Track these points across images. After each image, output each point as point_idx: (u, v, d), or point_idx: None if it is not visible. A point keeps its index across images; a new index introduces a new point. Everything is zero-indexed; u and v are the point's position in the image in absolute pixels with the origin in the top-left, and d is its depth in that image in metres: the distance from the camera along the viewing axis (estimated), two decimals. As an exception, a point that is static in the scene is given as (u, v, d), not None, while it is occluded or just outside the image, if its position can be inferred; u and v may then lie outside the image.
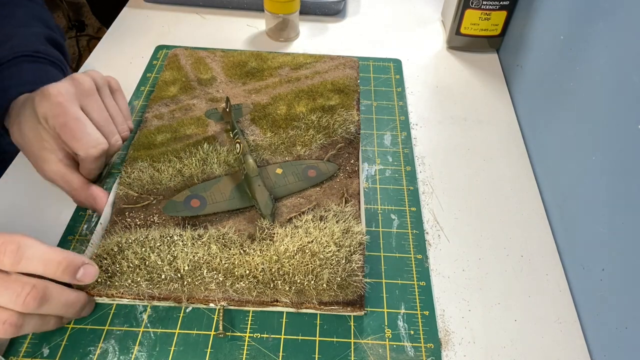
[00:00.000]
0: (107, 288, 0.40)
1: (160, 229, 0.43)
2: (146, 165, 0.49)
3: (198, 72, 0.60)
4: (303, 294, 0.40)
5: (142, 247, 0.41)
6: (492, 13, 0.65)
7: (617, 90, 0.41)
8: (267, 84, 0.59)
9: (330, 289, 0.39)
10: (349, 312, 0.41)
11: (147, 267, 0.40)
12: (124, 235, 0.42)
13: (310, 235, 0.42)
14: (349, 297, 0.40)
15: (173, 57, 0.63)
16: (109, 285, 0.40)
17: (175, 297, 0.40)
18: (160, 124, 0.53)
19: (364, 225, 0.45)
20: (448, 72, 0.67)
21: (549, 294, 0.44)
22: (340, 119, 0.54)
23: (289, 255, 0.41)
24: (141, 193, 0.47)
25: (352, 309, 0.40)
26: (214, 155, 0.50)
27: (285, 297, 0.40)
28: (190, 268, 0.40)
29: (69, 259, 0.36)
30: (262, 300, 0.40)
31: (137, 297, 0.40)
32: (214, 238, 0.42)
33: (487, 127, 0.59)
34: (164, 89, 0.58)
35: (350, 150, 0.52)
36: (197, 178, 0.48)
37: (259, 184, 0.46)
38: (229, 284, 0.40)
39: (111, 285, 0.40)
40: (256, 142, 0.52)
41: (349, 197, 0.47)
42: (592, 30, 0.45)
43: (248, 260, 0.41)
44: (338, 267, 0.40)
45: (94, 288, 0.40)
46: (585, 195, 0.44)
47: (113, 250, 0.41)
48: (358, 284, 0.40)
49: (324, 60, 0.63)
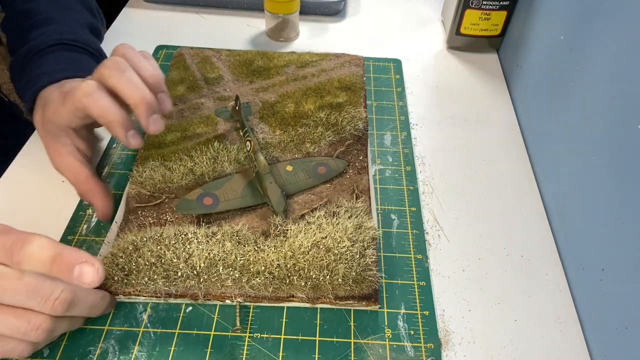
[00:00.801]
0: (125, 286, 0.40)
1: (174, 226, 0.43)
2: (157, 164, 0.49)
3: (205, 71, 0.61)
4: (319, 289, 0.40)
5: (157, 245, 0.41)
6: (492, 13, 0.65)
7: (617, 91, 0.41)
8: (274, 82, 0.59)
9: (346, 283, 0.40)
10: (364, 307, 0.41)
11: (163, 265, 0.40)
12: (139, 233, 0.43)
13: (324, 231, 0.42)
14: (364, 292, 0.40)
15: (179, 57, 0.63)
16: (126, 284, 0.40)
17: (192, 294, 0.40)
18: (169, 123, 0.54)
19: (375, 221, 0.45)
20: (448, 72, 0.67)
21: (549, 294, 0.44)
22: (348, 116, 0.54)
23: (304, 251, 0.41)
24: (153, 192, 0.47)
25: (367, 303, 0.41)
26: (224, 153, 0.50)
27: (302, 292, 0.40)
28: (206, 265, 0.40)
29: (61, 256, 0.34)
30: (278, 296, 0.40)
31: (154, 294, 0.40)
32: (228, 235, 0.43)
33: (487, 127, 0.59)
34: (171, 89, 0.58)
35: (359, 147, 0.52)
36: (209, 176, 0.48)
37: (271, 182, 0.46)
38: (245, 280, 0.40)
39: (128, 283, 0.40)
40: (266, 140, 0.52)
41: (359, 193, 0.47)
42: (592, 30, 0.45)
43: (263, 256, 0.41)
44: (353, 262, 0.40)
45: (111, 286, 0.40)
46: (585, 195, 0.44)
47: (129, 249, 0.41)
48: (373, 279, 0.40)
49: (329, 58, 0.63)
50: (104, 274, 0.36)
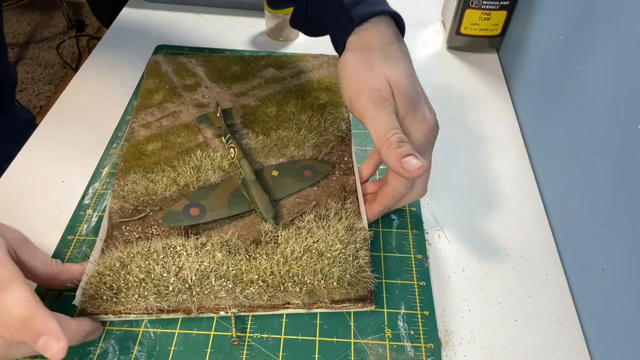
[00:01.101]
0: (114, 305, 0.39)
1: (161, 240, 0.42)
2: (139, 176, 0.48)
3: (181, 78, 0.60)
4: (314, 294, 0.40)
5: (145, 260, 0.40)
6: (492, 13, 0.65)
7: (617, 90, 0.41)
8: (253, 86, 0.59)
9: (341, 286, 0.40)
10: (360, 308, 0.41)
11: (153, 280, 0.39)
12: (125, 249, 0.42)
13: (315, 235, 0.42)
14: (360, 293, 0.40)
15: (153, 64, 0.62)
16: (116, 302, 0.39)
17: (185, 308, 0.39)
18: (149, 133, 0.53)
19: (365, 221, 0.45)
20: (448, 72, 0.67)
21: (549, 294, 0.44)
22: (331, 117, 0.54)
23: (297, 256, 0.41)
24: (137, 205, 0.46)
25: (363, 305, 0.40)
26: (207, 161, 0.49)
27: (297, 298, 0.40)
28: (198, 277, 0.40)
29: (30, 320, 0.31)
30: (274, 304, 0.40)
31: (145, 311, 0.39)
32: (217, 245, 0.42)
33: (487, 127, 0.59)
34: (147, 97, 0.57)
35: (343, 147, 0.52)
36: (193, 186, 0.47)
37: (257, 188, 0.45)
38: (239, 291, 0.40)
39: (117, 301, 0.39)
40: (249, 146, 0.52)
41: (347, 194, 0.47)
42: (592, 30, 0.45)
43: (255, 265, 0.41)
44: (347, 265, 0.40)
45: (99, 307, 0.39)
46: (585, 195, 0.44)
47: (116, 266, 0.40)
48: (367, 280, 0.40)
49: (307, 60, 0.63)
50: (65, 353, 0.31)
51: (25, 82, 1.80)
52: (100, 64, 0.66)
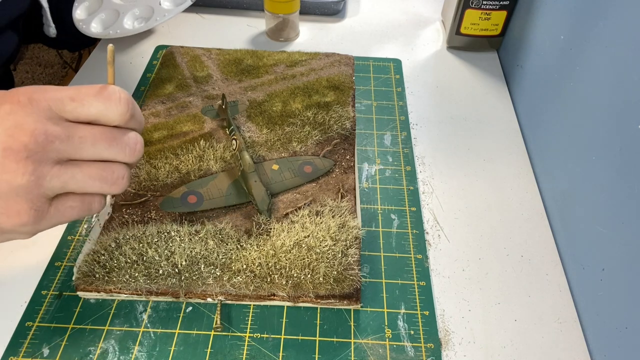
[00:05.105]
0: (105, 283, 0.40)
1: (157, 224, 0.44)
2: (143, 162, 0.49)
3: (194, 69, 0.61)
4: (300, 288, 0.40)
5: (139, 242, 0.41)
6: (492, 13, 0.65)
7: (617, 91, 0.41)
8: (262, 81, 0.59)
9: (327, 282, 0.40)
10: (345, 306, 0.41)
11: (145, 263, 0.40)
12: (122, 231, 0.43)
13: (307, 229, 0.43)
14: (345, 291, 0.40)
15: (169, 55, 0.63)
16: (107, 281, 0.40)
17: (173, 292, 0.40)
18: (157, 121, 0.54)
19: (359, 220, 0.45)
20: (448, 72, 0.67)
21: (549, 294, 0.44)
22: (336, 115, 0.54)
23: (286, 249, 0.41)
24: (138, 190, 0.47)
25: (348, 302, 0.40)
26: (210, 151, 0.50)
27: (282, 291, 0.40)
28: (188, 263, 0.40)
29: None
30: (259, 295, 0.40)
31: (135, 292, 0.40)
32: (211, 233, 0.43)
33: (487, 127, 0.59)
34: (159, 87, 0.58)
35: (346, 146, 0.52)
36: (194, 174, 0.48)
37: (255, 180, 0.46)
38: (226, 279, 0.40)
39: (109, 280, 0.40)
40: (252, 139, 0.52)
41: (344, 193, 0.47)
42: (592, 30, 0.45)
43: (245, 255, 0.41)
44: (334, 261, 0.40)
45: (92, 284, 0.40)
46: (585, 195, 0.44)
47: (111, 246, 0.41)
48: (354, 278, 0.40)
49: (319, 58, 0.63)
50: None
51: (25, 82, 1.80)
52: (100, 64, 0.66)
